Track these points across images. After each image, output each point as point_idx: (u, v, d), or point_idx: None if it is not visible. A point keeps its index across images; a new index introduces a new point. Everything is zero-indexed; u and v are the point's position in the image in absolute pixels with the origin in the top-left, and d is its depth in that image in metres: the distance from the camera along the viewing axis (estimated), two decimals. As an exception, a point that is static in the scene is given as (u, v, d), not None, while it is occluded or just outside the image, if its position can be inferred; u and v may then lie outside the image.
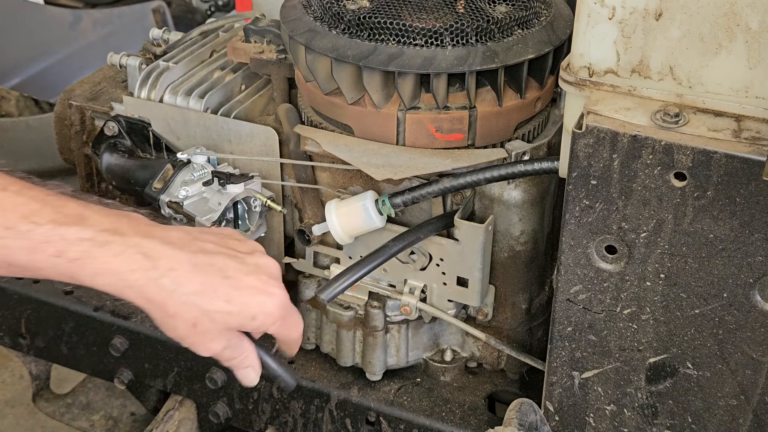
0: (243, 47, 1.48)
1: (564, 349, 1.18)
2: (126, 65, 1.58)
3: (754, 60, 0.98)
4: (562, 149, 1.15)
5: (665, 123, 1.00)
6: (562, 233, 1.10)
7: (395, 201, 1.27)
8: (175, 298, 1.05)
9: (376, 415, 1.41)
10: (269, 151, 1.42)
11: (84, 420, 1.86)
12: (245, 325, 1.09)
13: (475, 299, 1.33)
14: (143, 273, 1.04)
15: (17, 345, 1.70)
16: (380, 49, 1.22)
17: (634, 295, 1.09)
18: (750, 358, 1.07)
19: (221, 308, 1.06)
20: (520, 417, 1.22)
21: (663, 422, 1.17)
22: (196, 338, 1.08)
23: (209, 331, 1.07)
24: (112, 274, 1.04)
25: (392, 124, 1.27)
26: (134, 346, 1.57)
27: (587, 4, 1.03)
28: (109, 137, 1.51)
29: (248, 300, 1.08)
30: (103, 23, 2.97)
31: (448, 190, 1.25)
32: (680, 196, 1.01)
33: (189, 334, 1.08)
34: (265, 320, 1.09)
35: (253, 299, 1.08)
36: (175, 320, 1.06)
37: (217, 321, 1.07)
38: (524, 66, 1.24)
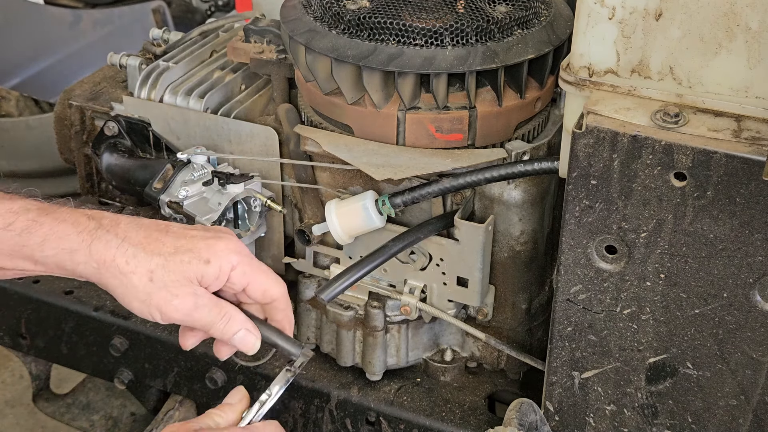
0: (243, 47, 1.48)
1: (564, 349, 1.18)
2: (126, 65, 1.58)
3: (754, 60, 0.98)
4: (562, 149, 1.15)
5: (665, 123, 1.00)
6: (562, 233, 1.10)
7: (395, 201, 1.27)
8: (124, 250, 1.05)
9: (376, 415, 1.41)
10: (269, 151, 1.42)
11: (84, 420, 1.86)
12: (203, 272, 1.07)
13: (475, 299, 1.33)
14: (88, 233, 1.05)
15: (17, 345, 1.71)
16: (380, 49, 1.22)
17: (634, 295, 1.09)
18: (750, 358, 1.07)
19: (172, 252, 1.05)
20: (520, 417, 1.22)
21: (663, 422, 1.17)
22: (159, 297, 1.06)
23: (168, 284, 1.05)
24: (57, 239, 1.05)
25: (392, 124, 1.27)
26: (134, 346, 1.57)
27: (587, 4, 1.03)
28: (109, 137, 1.51)
29: (197, 243, 1.07)
30: (103, 23, 2.97)
31: (448, 190, 1.25)
32: (680, 196, 1.01)
33: (149, 293, 1.06)
34: (221, 263, 1.07)
35: (201, 242, 1.07)
36: (131, 278, 1.05)
37: (171, 268, 1.05)
38: (524, 66, 1.24)
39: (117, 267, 1.05)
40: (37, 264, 1.07)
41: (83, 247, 1.05)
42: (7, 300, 1.66)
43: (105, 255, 1.05)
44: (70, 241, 1.05)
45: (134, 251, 1.06)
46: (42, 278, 1.65)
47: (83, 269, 1.06)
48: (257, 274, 1.13)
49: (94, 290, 1.64)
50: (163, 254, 1.07)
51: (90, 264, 1.05)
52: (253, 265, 1.12)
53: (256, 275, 1.12)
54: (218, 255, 1.09)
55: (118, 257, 1.05)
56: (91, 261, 1.05)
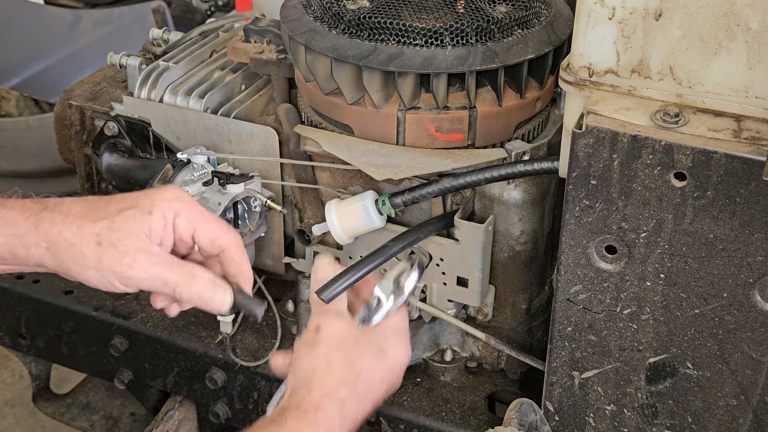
0: (243, 47, 1.48)
1: (564, 349, 1.18)
2: (126, 65, 1.58)
3: (754, 60, 0.98)
4: (562, 149, 1.15)
5: (665, 123, 1.00)
6: (562, 233, 1.10)
7: (395, 201, 1.27)
8: (69, 224, 1.04)
9: (376, 415, 1.41)
10: (269, 151, 1.42)
11: (84, 420, 1.86)
12: (148, 224, 1.05)
13: (475, 299, 1.33)
14: (35, 216, 1.04)
15: (17, 345, 1.71)
16: (380, 49, 1.22)
17: (634, 295, 1.09)
18: (750, 358, 1.07)
19: (115, 213, 1.04)
20: (520, 417, 1.22)
21: (663, 422, 1.17)
22: (109, 258, 1.03)
23: (116, 243, 1.03)
24: (7, 225, 1.04)
25: (392, 124, 1.27)
26: (134, 346, 1.57)
27: (587, 4, 1.03)
28: (109, 137, 1.51)
29: (138, 199, 1.06)
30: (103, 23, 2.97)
31: (448, 190, 1.25)
32: (680, 196, 1.01)
33: (100, 258, 1.03)
34: (164, 212, 1.05)
35: (143, 197, 1.07)
36: (80, 248, 1.03)
37: (116, 227, 1.03)
38: (524, 66, 1.24)
39: (65, 240, 1.04)
40: None
41: (32, 229, 1.04)
42: (7, 300, 1.66)
43: (52, 232, 1.04)
44: (19, 227, 1.04)
45: (79, 222, 1.04)
46: (42, 278, 1.66)
47: (35, 252, 1.05)
48: (203, 221, 1.10)
49: (94, 290, 1.63)
50: (108, 217, 1.05)
51: (40, 245, 1.04)
52: (199, 212, 1.10)
53: (202, 222, 1.09)
54: (160, 204, 1.06)
55: (64, 231, 1.04)
56: (41, 242, 1.04)
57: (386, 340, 1.14)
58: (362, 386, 1.10)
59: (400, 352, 1.15)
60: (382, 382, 1.13)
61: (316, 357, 1.09)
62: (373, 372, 1.12)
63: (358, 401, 1.10)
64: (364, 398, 1.11)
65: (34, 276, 1.66)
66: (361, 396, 1.10)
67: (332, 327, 1.12)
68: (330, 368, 1.09)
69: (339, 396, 1.07)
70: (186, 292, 1.07)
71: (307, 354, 1.11)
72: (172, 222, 1.07)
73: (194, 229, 1.08)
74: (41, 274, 1.66)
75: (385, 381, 1.14)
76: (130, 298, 1.61)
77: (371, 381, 1.11)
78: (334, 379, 1.08)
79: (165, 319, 1.56)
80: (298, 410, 1.05)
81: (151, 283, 1.06)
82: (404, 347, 1.16)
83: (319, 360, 1.09)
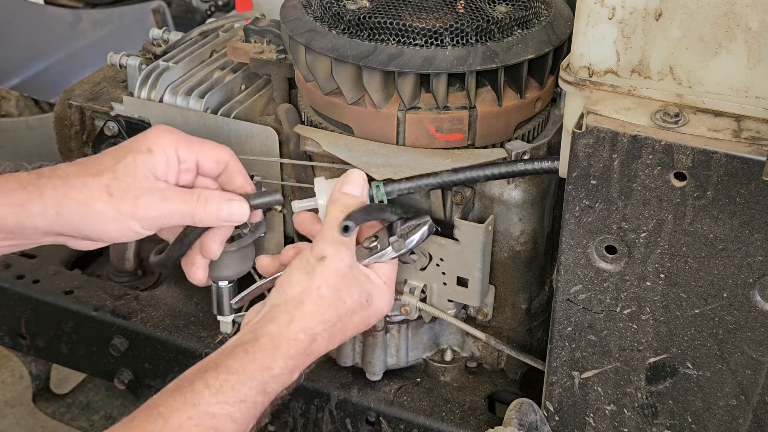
0: (243, 47, 1.48)
1: (564, 349, 1.18)
2: (126, 65, 1.58)
3: (754, 60, 0.98)
4: (562, 149, 1.15)
5: (665, 123, 1.00)
6: (562, 233, 1.10)
7: (389, 189, 1.25)
8: (72, 184, 1.06)
9: (376, 415, 1.41)
10: (269, 151, 1.42)
11: (84, 420, 1.86)
12: (152, 163, 1.08)
13: (475, 299, 1.33)
14: (33, 185, 1.06)
15: (17, 345, 1.70)
16: (380, 49, 1.22)
17: (634, 295, 1.09)
18: (750, 358, 1.07)
19: (113, 164, 1.07)
20: (520, 417, 1.22)
21: (663, 422, 1.17)
22: (125, 205, 1.06)
23: (127, 189, 1.06)
24: (6, 196, 1.06)
25: (392, 124, 1.27)
26: (134, 346, 1.57)
27: (587, 4, 1.03)
28: (109, 137, 1.51)
29: (130, 145, 1.10)
30: (103, 23, 2.97)
31: (447, 184, 1.24)
32: (680, 196, 1.01)
33: (116, 207, 1.06)
34: (163, 147, 1.09)
35: (133, 142, 1.10)
36: (92, 204, 1.05)
37: (121, 174, 1.06)
38: (524, 66, 1.24)
39: (74, 201, 1.05)
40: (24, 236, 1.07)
41: (34, 197, 1.05)
42: (7, 300, 1.66)
43: (57, 196, 1.05)
44: (19, 196, 1.05)
45: (81, 180, 1.06)
46: (42, 278, 1.66)
47: (42, 220, 1.05)
48: (200, 145, 1.14)
49: (94, 290, 1.64)
50: (107, 169, 1.07)
51: (48, 213, 1.05)
52: (193, 139, 1.13)
53: (201, 146, 1.13)
54: (156, 141, 1.09)
55: (69, 191, 1.05)
56: (48, 209, 1.05)
57: (376, 288, 1.15)
58: (338, 328, 1.12)
59: (384, 302, 1.17)
60: (356, 328, 1.15)
61: (309, 287, 1.10)
62: (353, 317, 1.13)
63: (329, 341, 1.12)
64: (335, 339, 1.13)
65: (34, 276, 1.66)
66: (334, 336, 1.12)
67: (338, 261, 1.11)
68: (317, 305, 1.09)
69: (314, 332, 1.09)
70: (205, 215, 1.11)
71: (300, 279, 1.11)
72: (174, 156, 1.11)
73: (196, 154, 1.12)
74: (41, 274, 1.66)
75: (359, 327, 1.16)
76: (130, 298, 1.62)
77: (348, 325, 1.13)
78: (316, 317, 1.09)
79: (165, 319, 1.57)
80: (272, 341, 1.07)
81: (170, 218, 1.09)
82: (389, 298, 1.18)
83: (311, 292, 1.10)
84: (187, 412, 0.99)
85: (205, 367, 1.05)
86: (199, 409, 0.99)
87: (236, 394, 1.02)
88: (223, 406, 1.00)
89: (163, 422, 0.98)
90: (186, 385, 1.02)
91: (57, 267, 1.70)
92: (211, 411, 1.00)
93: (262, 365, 1.05)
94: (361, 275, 1.15)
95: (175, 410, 0.99)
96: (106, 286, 1.66)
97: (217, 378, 1.02)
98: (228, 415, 1.00)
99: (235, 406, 1.01)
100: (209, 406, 1.00)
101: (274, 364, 1.06)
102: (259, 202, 1.18)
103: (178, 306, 1.60)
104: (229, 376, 1.02)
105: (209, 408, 1.00)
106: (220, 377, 1.02)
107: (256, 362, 1.05)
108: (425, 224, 1.19)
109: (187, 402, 1.00)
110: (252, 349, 1.06)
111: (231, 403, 1.01)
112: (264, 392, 1.05)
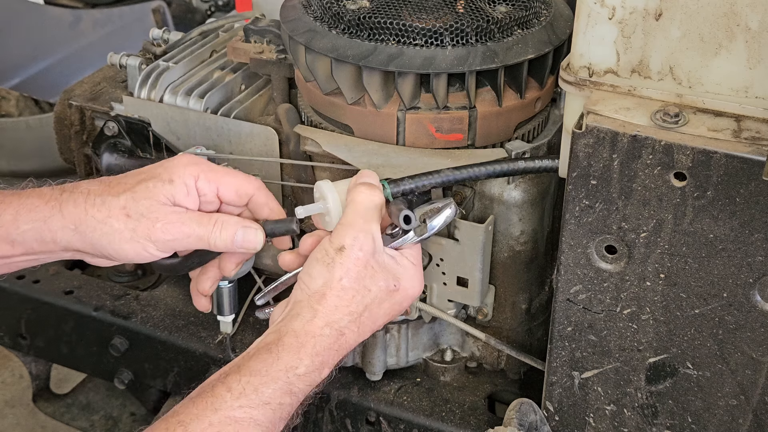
0: (243, 47, 1.48)
1: (564, 349, 1.18)
2: (126, 65, 1.58)
3: (754, 60, 0.98)
4: (562, 149, 1.15)
5: (665, 123, 1.00)
6: (562, 233, 1.10)
7: (395, 189, 1.24)
8: (92, 202, 1.08)
9: (376, 415, 1.41)
10: (269, 151, 1.42)
11: (84, 420, 1.86)
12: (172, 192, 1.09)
13: (475, 299, 1.33)
14: (55, 200, 1.08)
15: (17, 345, 1.71)
16: (380, 49, 1.22)
17: (634, 295, 1.09)
18: (750, 358, 1.07)
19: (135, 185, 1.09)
20: (520, 417, 1.22)
21: (663, 422, 1.17)
22: (142, 227, 1.07)
23: (145, 212, 1.07)
24: (28, 212, 1.08)
25: (392, 124, 1.27)
26: (134, 346, 1.57)
27: (587, 4, 1.03)
28: (109, 137, 1.51)
29: (154, 170, 1.11)
30: (103, 23, 2.97)
31: (449, 181, 1.24)
32: (680, 196, 1.01)
33: (133, 228, 1.07)
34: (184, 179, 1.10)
35: (158, 168, 1.12)
36: (110, 223, 1.07)
37: (140, 197, 1.07)
38: (524, 66, 1.24)
39: (93, 218, 1.06)
40: (15, 245, 1.07)
41: (55, 212, 1.06)
42: (7, 300, 1.66)
43: (77, 213, 1.06)
44: (41, 211, 1.06)
45: (101, 199, 1.07)
46: (42, 278, 1.66)
47: (62, 236, 1.06)
48: (223, 176, 1.13)
49: (94, 290, 1.64)
50: (127, 190, 1.08)
51: (67, 227, 1.06)
52: (216, 170, 1.13)
53: (223, 177, 1.13)
54: (178, 172, 1.09)
55: (89, 209, 1.06)
56: (68, 224, 1.06)
57: (404, 270, 1.13)
58: (366, 318, 1.09)
59: (413, 284, 1.14)
60: (387, 315, 1.13)
61: (330, 279, 1.08)
62: (382, 305, 1.11)
63: (358, 333, 1.09)
64: (365, 329, 1.10)
65: (34, 276, 1.66)
66: (363, 326, 1.10)
67: (357, 250, 1.08)
68: (340, 298, 1.07)
69: (340, 326, 1.07)
70: (219, 240, 1.10)
71: (321, 272, 1.09)
72: (194, 187, 1.11)
73: (217, 186, 1.13)
74: (41, 274, 1.67)
75: (391, 313, 1.13)
76: (130, 298, 1.62)
77: (377, 313, 1.11)
78: (341, 310, 1.07)
79: (165, 319, 1.57)
80: (297, 338, 1.04)
81: (186, 241, 1.10)
82: (418, 280, 1.15)
83: (333, 285, 1.07)
84: (208, 418, 0.96)
85: (227, 371, 1.03)
86: (220, 414, 0.97)
87: (260, 397, 0.99)
88: (246, 410, 0.98)
89: (183, 430, 0.96)
90: (207, 391, 1.00)
91: (57, 267, 1.70)
92: (233, 415, 0.97)
93: (286, 365, 1.02)
94: (387, 259, 1.12)
95: (195, 417, 0.97)
96: (106, 286, 1.66)
97: (239, 381, 1.00)
98: (251, 418, 0.98)
99: (258, 410, 0.98)
100: (231, 411, 0.97)
101: (299, 362, 1.03)
102: (275, 230, 1.17)
103: (178, 306, 1.60)
104: (252, 378, 1.00)
105: (231, 412, 0.97)
106: (242, 380, 1.00)
107: (280, 362, 1.02)
108: (448, 206, 1.17)
109: (208, 408, 0.98)
110: (276, 349, 1.04)
111: (254, 407, 0.98)
112: (290, 393, 1.02)
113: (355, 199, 1.12)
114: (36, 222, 1.07)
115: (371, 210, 1.11)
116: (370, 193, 1.13)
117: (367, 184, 1.14)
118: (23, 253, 1.09)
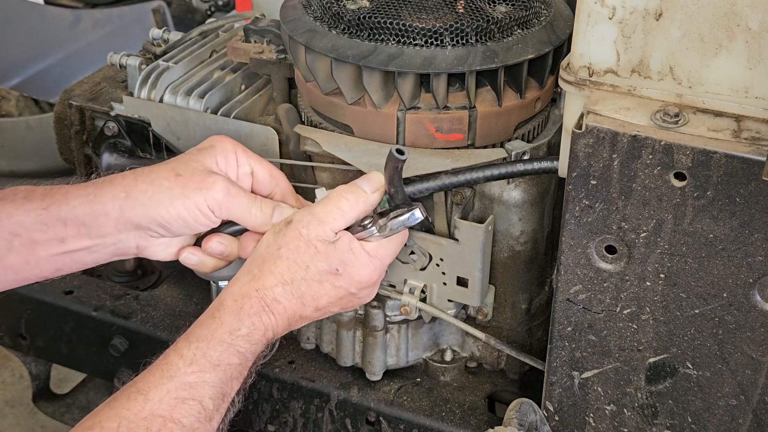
0: (243, 47, 1.48)
1: (564, 349, 1.18)
2: (126, 65, 1.58)
3: (754, 60, 0.98)
4: (562, 149, 1.15)
5: (665, 123, 1.00)
6: (562, 233, 1.10)
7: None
8: (140, 173, 1.14)
9: (376, 415, 1.41)
10: (269, 151, 1.42)
11: (84, 420, 1.86)
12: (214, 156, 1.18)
13: (475, 299, 1.33)
14: (100, 181, 1.16)
15: (17, 345, 1.71)
16: (380, 49, 1.22)
17: (634, 295, 1.09)
18: (750, 358, 1.07)
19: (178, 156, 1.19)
20: (520, 417, 1.22)
21: (663, 422, 1.17)
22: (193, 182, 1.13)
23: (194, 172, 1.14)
24: (76, 189, 1.14)
25: (392, 124, 1.27)
26: (134, 346, 1.57)
27: (587, 4, 1.03)
28: (109, 137, 1.51)
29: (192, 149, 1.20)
30: (103, 23, 2.97)
31: (447, 186, 1.25)
32: (680, 196, 1.01)
33: (184, 184, 1.13)
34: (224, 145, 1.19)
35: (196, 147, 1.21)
36: (161, 182, 1.13)
37: (188, 160, 1.16)
38: (524, 66, 1.24)
39: (143, 182, 1.12)
40: (68, 225, 1.12)
41: (105, 184, 1.14)
42: (7, 300, 1.65)
43: (127, 181, 1.13)
44: (90, 186, 1.13)
45: (150, 168, 1.14)
46: (42, 278, 1.66)
47: (112, 205, 1.12)
48: (257, 157, 1.22)
49: (93, 290, 1.64)
50: (174, 159, 1.16)
51: (118, 197, 1.12)
52: (249, 151, 1.21)
53: (257, 158, 1.22)
54: (218, 141, 1.19)
55: (138, 177, 1.13)
56: (118, 192, 1.12)
57: (355, 257, 1.17)
58: (305, 293, 1.14)
59: (360, 273, 1.17)
60: (332, 298, 1.17)
61: (271, 245, 1.15)
62: (323, 284, 1.15)
63: (297, 304, 1.14)
64: (305, 304, 1.15)
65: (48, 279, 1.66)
66: (302, 299, 1.14)
67: (302, 227, 1.15)
68: (275, 264, 1.14)
69: (274, 292, 1.12)
70: (260, 213, 1.18)
71: (268, 239, 1.17)
72: (234, 157, 1.19)
73: (252, 164, 1.20)
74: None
75: (337, 296, 1.17)
76: (129, 298, 1.62)
77: (318, 292, 1.15)
78: (275, 276, 1.13)
79: (165, 319, 1.57)
80: (235, 301, 1.11)
81: (231, 205, 1.16)
82: (369, 270, 1.18)
83: (272, 251, 1.15)
84: (165, 386, 1.03)
85: (178, 340, 1.09)
86: (176, 381, 1.03)
87: (209, 360, 1.06)
88: (198, 374, 1.04)
89: (144, 398, 1.02)
90: (161, 360, 1.07)
91: (57, 267, 1.70)
92: (187, 381, 1.04)
93: (229, 327, 1.09)
94: (341, 245, 1.16)
95: (153, 386, 1.03)
96: (105, 286, 1.66)
97: (189, 347, 1.07)
98: (204, 381, 1.04)
99: (210, 372, 1.05)
100: (185, 377, 1.04)
101: (240, 324, 1.09)
102: None
103: (178, 306, 1.60)
104: (200, 344, 1.07)
105: (185, 378, 1.04)
106: (191, 346, 1.07)
107: (223, 326, 1.09)
108: (413, 209, 1.20)
109: (164, 375, 1.04)
110: (218, 314, 1.10)
111: (205, 370, 1.05)
112: (237, 353, 1.08)
113: (332, 194, 1.19)
114: (86, 196, 1.12)
115: (340, 209, 1.17)
116: (352, 197, 1.18)
117: (359, 188, 1.19)
118: (76, 234, 1.13)
